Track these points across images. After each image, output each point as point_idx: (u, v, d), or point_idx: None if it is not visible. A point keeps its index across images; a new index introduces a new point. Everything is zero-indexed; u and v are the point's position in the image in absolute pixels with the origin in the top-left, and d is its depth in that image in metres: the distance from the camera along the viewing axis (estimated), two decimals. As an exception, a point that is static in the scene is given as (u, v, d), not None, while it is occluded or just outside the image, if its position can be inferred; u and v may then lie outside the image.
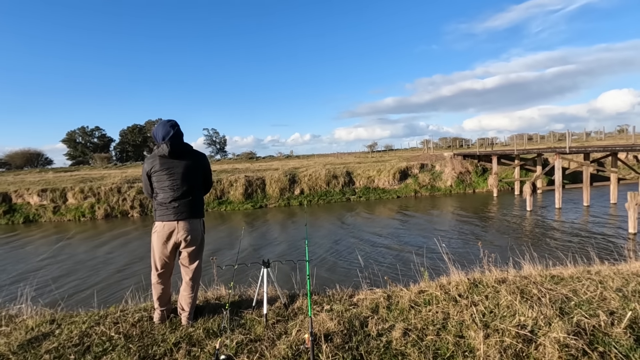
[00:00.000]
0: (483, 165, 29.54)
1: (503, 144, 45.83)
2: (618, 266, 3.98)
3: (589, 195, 19.92)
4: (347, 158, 43.95)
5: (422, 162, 30.31)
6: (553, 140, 45.65)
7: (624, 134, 44.42)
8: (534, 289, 3.10)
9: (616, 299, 2.87)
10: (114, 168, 43.81)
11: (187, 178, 2.93)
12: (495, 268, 3.71)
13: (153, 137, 2.97)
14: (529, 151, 26.06)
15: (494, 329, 2.45)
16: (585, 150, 20.91)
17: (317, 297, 3.39)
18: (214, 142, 74.70)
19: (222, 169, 33.12)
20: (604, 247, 11.71)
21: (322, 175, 28.24)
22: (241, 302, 3.37)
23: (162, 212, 2.88)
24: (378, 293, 3.35)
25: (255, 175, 28.34)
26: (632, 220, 13.48)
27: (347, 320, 2.76)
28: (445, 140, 57.08)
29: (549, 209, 19.89)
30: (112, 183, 26.53)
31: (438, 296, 3.11)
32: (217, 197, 26.32)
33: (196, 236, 2.97)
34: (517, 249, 5.74)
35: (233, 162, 49.63)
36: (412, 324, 2.65)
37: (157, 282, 2.94)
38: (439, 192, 28.03)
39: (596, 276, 3.48)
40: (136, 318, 3.01)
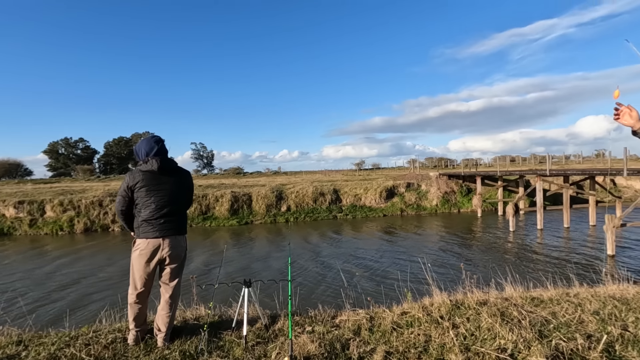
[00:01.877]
0: (467, 186, 30.08)
1: (487, 165, 46.93)
2: (596, 288, 4.05)
3: (569, 217, 20.42)
4: (334, 176, 44.15)
5: (408, 181, 30.67)
6: (534, 163, 47.00)
7: (601, 158, 46.12)
8: (515, 311, 3.12)
9: (593, 322, 2.91)
10: (96, 180, 42.79)
11: (174, 195, 2.92)
12: (477, 289, 3.73)
13: (135, 153, 2.95)
14: (511, 173, 26.71)
15: (475, 352, 2.45)
16: (564, 173, 21.56)
17: (299, 318, 3.33)
18: (201, 157, 74.15)
19: (209, 184, 32.76)
20: (583, 268, 11.94)
21: (309, 192, 28.22)
22: (221, 322, 3.28)
23: (147, 229, 2.83)
24: (361, 314, 3.32)
25: (241, 191, 28.11)
26: (610, 242, 13.83)
27: (329, 342, 2.71)
28: (431, 160, 58.10)
29: (531, 229, 20.26)
30: (94, 196, 25.88)
31: (420, 318, 3.09)
32: (202, 212, 25.91)
33: (180, 252, 2.95)
34: (500, 269, 5.80)
35: (220, 177, 49.20)
36: (393, 346, 2.63)
37: (135, 302, 2.85)
38: (425, 211, 28.30)
39: (575, 299, 3.54)
40: (109, 339, 2.89)
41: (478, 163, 45.20)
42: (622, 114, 1.91)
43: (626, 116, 1.90)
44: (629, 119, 1.89)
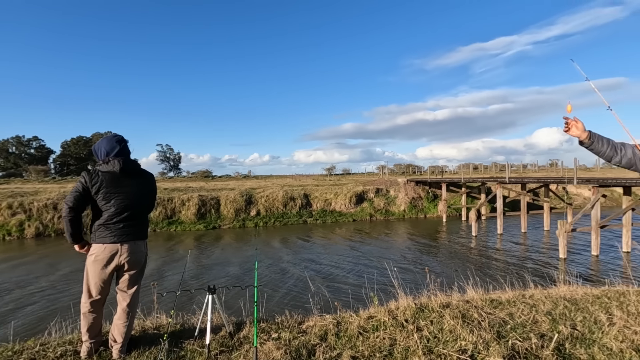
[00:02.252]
0: (434, 192, 31.09)
1: (452, 172, 48.84)
2: (549, 290, 4.30)
3: (526, 222, 21.60)
4: (305, 180, 44.13)
5: (377, 187, 31.24)
6: (495, 171, 49.47)
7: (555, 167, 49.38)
8: (475, 313, 3.24)
9: (546, 322, 3.08)
10: (51, 182, 40.11)
11: (136, 198, 2.77)
12: (440, 293, 3.84)
13: (94, 153, 2.79)
14: (474, 180, 27.94)
15: (437, 354, 2.51)
16: (522, 181, 22.84)
17: (265, 325, 3.27)
18: (168, 159, 71.60)
19: (175, 187, 31.66)
20: (538, 271, 12.65)
21: (279, 196, 28.00)
22: (183, 331, 3.15)
23: (104, 234, 2.65)
24: (328, 319, 3.31)
25: (209, 194, 27.40)
26: (562, 246, 14.77)
27: (295, 349, 2.68)
28: (399, 167, 59.55)
29: (492, 234, 21.24)
30: (48, 199, 24.24)
31: (386, 322, 3.13)
32: (167, 216, 24.97)
33: (140, 258, 2.80)
34: (462, 273, 6.01)
35: (187, 180, 47.71)
36: (359, 351, 2.64)
37: (89, 311, 2.68)
38: (393, 216, 28.91)
39: (530, 300, 3.73)
40: (59, 353, 2.69)
41: (444, 170, 46.95)
42: (571, 126, 2.14)
43: (573, 128, 2.17)
44: (575, 131, 2.19)
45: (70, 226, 2.63)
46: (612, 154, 2.27)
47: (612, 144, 2.29)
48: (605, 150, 2.27)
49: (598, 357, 2.49)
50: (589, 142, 2.28)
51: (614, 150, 2.27)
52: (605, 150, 2.27)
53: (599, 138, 2.29)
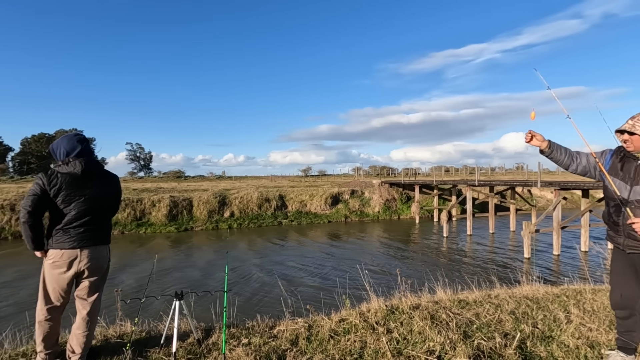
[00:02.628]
0: (407, 194, 31.76)
1: (425, 175, 50.02)
2: (513, 289, 4.48)
3: (494, 223, 22.48)
4: (281, 181, 43.86)
5: (352, 189, 31.53)
6: (466, 173, 51.17)
7: (521, 171, 51.70)
8: (444, 314, 3.32)
9: (510, 321, 3.20)
10: (9, 182, 37.69)
11: (99, 201, 2.61)
12: (411, 294, 3.91)
13: (51, 152, 2.62)
14: (445, 182, 28.80)
15: (406, 356, 2.54)
16: (490, 184, 23.75)
17: (235, 330, 3.20)
18: (138, 158, 69.03)
19: (145, 188, 30.59)
20: (504, 270, 13.18)
21: (254, 198, 27.67)
22: (148, 339, 3.03)
23: (63, 239, 2.49)
24: (299, 323, 3.29)
25: (181, 195, 26.67)
26: (527, 246, 15.48)
27: (265, 354, 2.64)
28: (374, 169, 60.38)
29: (462, 235, 21.94)
30: (5, 199, 22.76)
31: (357, 324, 3.15)
32: (136, 218, 24.06)
33: (102, 264, 2.65)
34: (433, 274, 6.16)
35: (158, 180, 46.21)
36: (330, 355, 2.63)
37: (46, 319, 2.51)
38: (368, 217, 29.26)
39: (495, 300, 3.86)
40: (10, 366, 2.51)
41: (417, 172, 47.99)
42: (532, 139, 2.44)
43: (534, 139, 2.43)
44: (536, 141, 2.36)
45: (31, 232, 2.44)
46: (569, 162, 2.42)
47: (569, 152, 2.44)
48: (564, 159, 2.43)
49: (556, 354, 2.61)
50: (548, 150, 2.43)
51: (571, 158, 2.42)
52: (564, 159, 2.43)
53: (557, 147, 2.44)
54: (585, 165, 2.42)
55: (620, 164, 2.29)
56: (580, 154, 2.43)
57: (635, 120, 2.19)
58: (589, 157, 2.41)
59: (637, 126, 2.16)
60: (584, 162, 2.41)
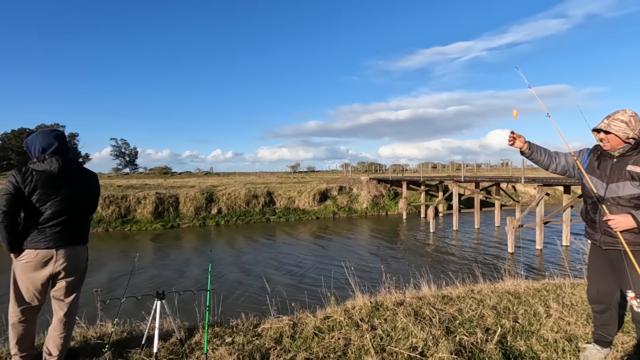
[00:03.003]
0: (395, 190, 32.00)
1: (412, 171, 50.50)
2: (495, 284, 4.55)
3: (479, 219, 22.86)
4: (269, 178, 43.66)
5: (341, 185, 31.60)
6: (452, 170, 51.86)
7: (506, 167, 52.64)
8: (427, 309, 3.35)
9: (491, 316, 3.25)
10: (-13, 178, 36.51)
11: (76, 201, 2.52)
12: (395, 290, 3.93)
13: (26, 148, 2.52)
14: (432, 178, 29.12)
15: (389, 352, 2.56)
16: (476, 180, 24.12)
17: (219, 329, 3.17)
18: (123, 154, 67.64)
19: (130, 184, 30.04)
20: (488, 265, 13.44)
21: (242, 194, 27.47)
22: (130, 339, 2.97)
23: (37, 238, 2.39)
24: (284, 321, 3.27)
25: (168, 192, 26.29)
26: (510, 241, 15.80)
27: (248, 353, 2.61)
28: (363, 165, 60.66)
29: (448, 230, 22.26)
30: (-18, 196, 22.03)
31: (342, 321, 3.15)
32: (120, 215, 23.63)
33: (79, 265, 2.57)
34: (419, 269, 6.22)
35: (144, 177, 45.47)
36: (314, 352, 2.63)
37: (19, 321, 2.42)
38: (356, 213, 29.39)
39: (478, 295, 3.92)
40: (-18, 370, 2.43)
41: (405, 169, 48.44)
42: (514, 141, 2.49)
43: (517, 141, 2.48)
44: (519, 143, 2.49)
45: (7, 233, 2.34)
46: (548, 162, 2.48)
47: (549, 153, 2.51)
48: (543, 159, 2.49)
49: (535, 347, 2.67)
50: (529, 152, 2.49)
51: (550, 159, 2.48)
52: (543, 159, 2.49)
53: (537, 148, 2.50)
54: (564, 165, 2.47)
55: (597, 162, 2.35)
56: (559, 154, 2.49)
57: (611, 119, 2.23)
58: (568, 157, 2.46)
59: (612, 125, 2.20)
60: (562, 161, 2.47)
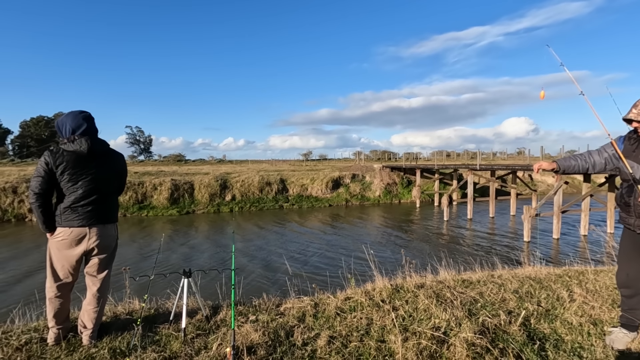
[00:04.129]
0: (408, 178, 31.75)
1: (426, 159, 49.92)
2: (515, 270, 4.51)
3: (494, 207, 22.55)
4: (281, 165, 43.82)
5: (353, 173, 31.51)
6: (467, 158, 51.05)
7: (522, 156, 51.55)
8: (448, 292, 3.35)
9: (513, 300, 3.24)
10: (9, 164, 37.70)
11: (105, 180, 2.60)
12: (415, 274, 3.95)
13: (57, 129, 2.58)
14: (447, 166, 28.74)
15: (412, 332, 2.58)
16: (492, 168, 23.71)
17: (242, 308, 3.25)
18: (138, 142, 68.75)
19: (146, 171, 30.58)
20: (505, 253, 13.30)
21: (255, 181, 27.69)
22: (157, 316, 3.08)
23: (71, 217, 2.49)
24: (305, 301, 3.33)
25: (183, 179, 26.69)
26: (527, 230, 15.57)
27: (273, 330, 2.68)
28: (375, 153, 60.16)
29: (462, 219, 22.06)
30: (6, 182, 22.79)
31: (363, 302, 3.19)
32: (137, 201, 24.16)
33: (110, 242, 2.67)
34: (435, 255, 6.21)
35: (159, 164, 46.18)
36: (337, 331, 2.67)
37: (56, 296, 2.54)
38: (368, 201, 29.35)
39: (498, 280, 3.90)
40: (23, 340, 2.56)
41: (418, 157, 47.86)
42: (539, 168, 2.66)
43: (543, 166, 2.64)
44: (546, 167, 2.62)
45: (41, 214, 2.45)
46: (584, 164, 2.50)
47: (579, 157, 2.52)
48: (578, 165, 2.51)
49: (560, 330, 2.66)
50: (559, 167, 2.57)
51: (584, 161, 2.50)
52: (578, 165, 2.51)
53: (565, 160, 2.56)
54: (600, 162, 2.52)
55: (633, 147, 2.39)
56: (592, 153, 2.53)
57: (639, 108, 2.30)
58: (601, 151, 2.48)
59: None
60: (597, 158, 2.55)
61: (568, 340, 2.53)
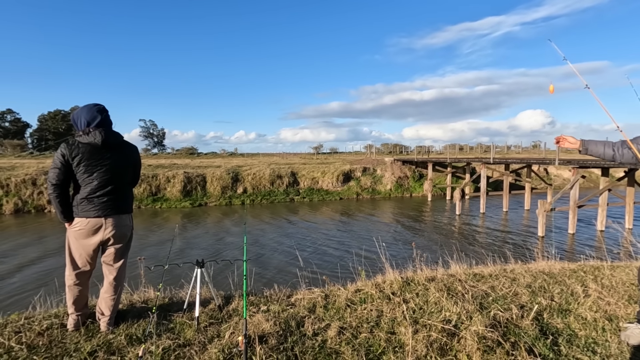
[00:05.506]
0: (420, 171, 31.45)
1: (438, 153, 49.33)
2: (528, 265, 4.46)
3: (507, 202, 22.20)
4: (292, 158, 43.91)
5: (364, 166, 31.37)
6: (480, 152, 50.21)
7: (537, 149, 50.42)
8: (459, 286, 3.34)
9: (526, 294, 3.20)
10: (29, 157, 38.77)
11: (119, 171, 2.67)
12: (426, 267, 3.93)
13: (72, 122, 2.65)
14: (459, 160, 28.35)
15: (423, 324, 2.58)
16: (506, 162, 23.28)
17: (253, 298, 3.30)
18: (151, 135, 69.87)
19: (159, 164, 31.06)
20: (518, 248, 13.12)
21: (266, 174, 27.85)
22: (171, 305, 3.16)
23: (87, 208, 2.57)
24: (316, 292, 3.36)
25: (195, 172, 27.02)
26: (541, 225, 15.30)
27: (284, 320, 2.72)
28: (387, 146, 59.74)
29: (475, 213, 21.79)
30: (26, 174, 23.46)
31: (373, 295, 3.20)
32: (151, 193, 24.60)
33: (125, 232, 2.75)
34: (447, 249, 6.17)
35: (172, 157, 46.84)
36: (347, 322, 2.70)
37: (75, 284, 2.63)
38: (379, 195, 29.23)
39: (511, 274, 3.86)
40: (44, 326, 2.66)
41: (430, 150, 47.33)
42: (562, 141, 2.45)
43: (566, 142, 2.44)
44: (569, 144, 2.42)
45: (59, 204, 2.54)
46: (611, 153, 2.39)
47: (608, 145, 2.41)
48: (604, 152, 2.40)
49: (573, 325, 2.62)
50: (584, 148, 2.40)
51: (612, 149, 2.38)
52: (604, 152, 2.40)
53: (593, 142, 2.43)
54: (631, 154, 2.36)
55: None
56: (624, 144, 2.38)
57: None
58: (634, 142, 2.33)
59: None
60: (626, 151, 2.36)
61: (582, 336, 2.50)
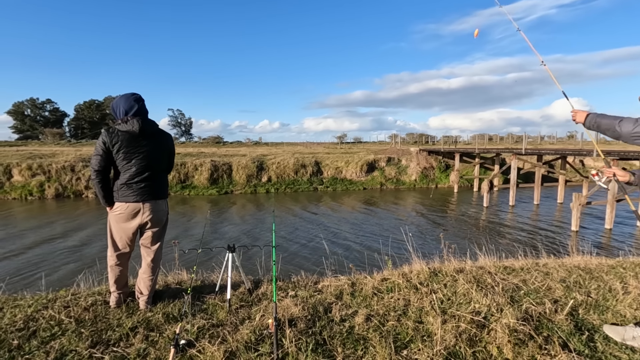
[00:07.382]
0: (446, 162, 30.71)
1: (465, 143, 47.85)
2: (562, 259, 4.30)
3: (539, 194, 21.35)
4: (316, 148, 43.93)
5: (389, 156, 30.96)
6: (511, 142, 48.25)
7: (573, 140, 47.85)
8: (489, 278, 3.28)
9: (560, 289, 3.10)
10: (67, 145, 40.90)
11: (155, 159, 2.80)
12: (454, 258, 3.88)
13: (112, 111, 2.78)
14: (488, 150, 27.39)
15: (451, 315, 2.57)
16: (539, 153, 22.31)
17: (281, 284, 3.38)
18: (179, 124, 71.82)
19: (187, 152, 31.97)
20: (550, 242, 12.65)
21: (290, 163, 28.07)
22: (203, 287, 3.29)
23: (126, 193, 2.71)
24: (342, 280, 3.40)
25: (221, 160, 27.63)
26: (576, 218, 14.64)
27: (312, 306, 2.78)
28: (412, 136, 58.50)
29: (504, 205, 21.12)
30: (65, 161, 24.80)
31: (400, 284, 3.20)
32: (180, 180, 25.42)
33: (161, 217, 2.88)
34: (475, 241, 6.05)
35: (199, 145, 48.02)
36: (374, 310, 2.72)
37: (116, 264, 2.80)
38: (404, 185, 28.85)
39: (543, 268, 3.74)
40: (89, 302, 2.85)
41: (457, 140, 45.95)
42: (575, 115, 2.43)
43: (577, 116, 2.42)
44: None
45: (101, 189, 2.70)
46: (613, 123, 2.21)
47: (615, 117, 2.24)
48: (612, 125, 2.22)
49: (611, 322, 2.52)
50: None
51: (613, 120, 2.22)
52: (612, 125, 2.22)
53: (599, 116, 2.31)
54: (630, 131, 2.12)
55: None
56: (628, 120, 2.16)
57: None
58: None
59: None
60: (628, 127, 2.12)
61: (620, 333, 2.40)
